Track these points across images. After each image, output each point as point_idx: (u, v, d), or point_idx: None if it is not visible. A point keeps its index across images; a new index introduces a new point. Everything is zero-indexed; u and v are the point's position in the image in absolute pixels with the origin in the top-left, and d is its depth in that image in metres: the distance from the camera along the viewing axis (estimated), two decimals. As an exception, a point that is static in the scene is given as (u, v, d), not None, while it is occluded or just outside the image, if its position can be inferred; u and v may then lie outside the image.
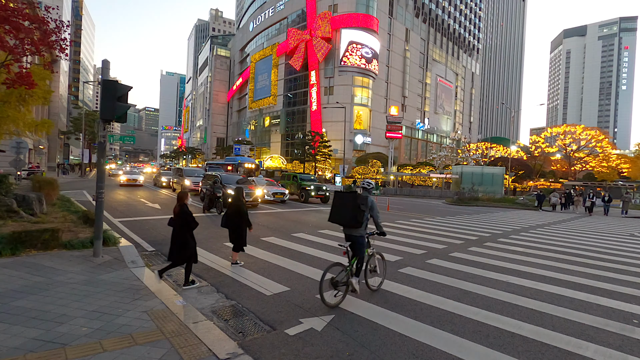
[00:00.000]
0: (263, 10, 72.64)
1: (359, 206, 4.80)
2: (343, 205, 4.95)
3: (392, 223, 13.78)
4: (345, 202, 4.94)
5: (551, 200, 26.40)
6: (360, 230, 4.91)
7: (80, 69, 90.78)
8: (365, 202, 4.85)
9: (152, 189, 25.08)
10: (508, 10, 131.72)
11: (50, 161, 53.67)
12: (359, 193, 4.97)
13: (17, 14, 6.30)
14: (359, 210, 4.80)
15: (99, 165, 6.44)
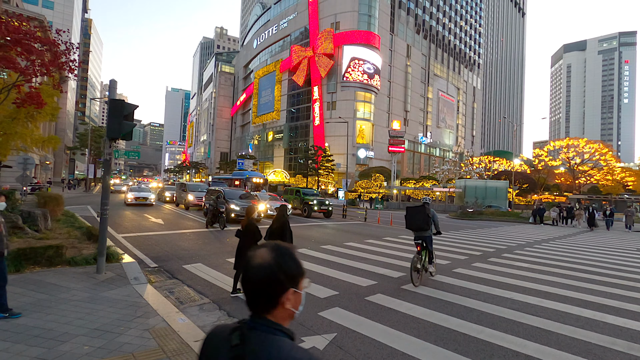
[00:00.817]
0: (267, 28, 74.27)
1: (427, 215, 7.00)
2: (416, 215, 7.05)
3: (395, 238, 13.72)
4: (417, 213, 7.06)
5: (551, 214, 25.83)
6: (428, 232, 7.11)
7: (87, 86, 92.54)
8: (430, 212, 7.10)
9: (156, 204, 25.18)
10: (508, 26, 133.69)
11: (55, 176, 54.19)
12: (427, 206, 7.10)
13: (29, 37, 6.55)
14: (427, 217, 7.01)
15: (104, 182, 6.54)
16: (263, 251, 1.00)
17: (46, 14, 51.86)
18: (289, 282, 0.97)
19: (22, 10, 33.08)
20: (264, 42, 75.33)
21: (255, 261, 0.98)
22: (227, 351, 0.95)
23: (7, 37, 6.30)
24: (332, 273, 7.43)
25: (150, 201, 23.73)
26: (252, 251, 1.03)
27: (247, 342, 0.93)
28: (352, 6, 56.49)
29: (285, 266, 0.98)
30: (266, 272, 0.95)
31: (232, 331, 0.98)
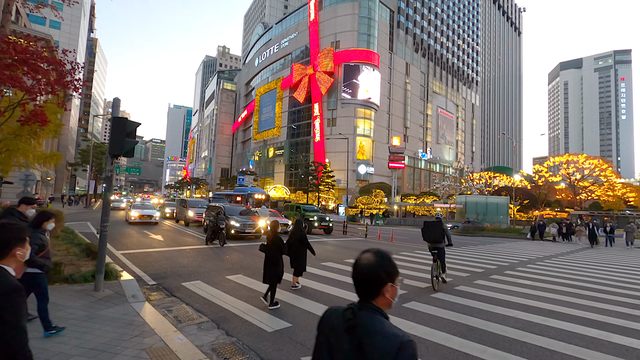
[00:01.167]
0: (268, 47, 75.82)
1: (442, 229, 8.41)
2: (432, 229, 8.49)
3: (396, 255, 13.59)
4: (433, 227, 8.50)
5: (551, 230, 25.39)
6: (442, 243, 8.45)
7: (91, 103, 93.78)
8: (444, 226, 8.48)
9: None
10: (504, 44, 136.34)
11: (56, 192, 54.27)
12: (441, 220, 8.62)
13: (36, 57, 6.71)
14: (442, 231, 8.40)
15: (104, 198, 6.56)
16: (368, 255, 1.42)
17: (53, 33, 53.07)
18: (387, 278, 1.36)
19: (30, 30, 33.90)
20: (265, 60, 76.77)
21: (362, 262, 1.40)
22: (342, 322, 1.36)
23: (15, 57, 6.46)
24: (332, 290, 7.35)
25: (155, 219, 21.82)
26: (360, 254, 1.45)
27: (358, 317, 1.33)
28: (352, 26, 57.83)
29: (385, 266, 1.37)
30: (371, 270, 1.36)
31: (346, 309, 1.39)
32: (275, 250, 6.24)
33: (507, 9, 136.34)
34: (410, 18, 69.59)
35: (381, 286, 1.36)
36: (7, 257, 1.70)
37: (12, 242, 1.73)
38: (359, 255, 1.45)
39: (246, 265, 9.95)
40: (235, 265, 9.90)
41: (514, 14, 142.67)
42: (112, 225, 18.33)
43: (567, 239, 25.47)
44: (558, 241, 25.31)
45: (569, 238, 25.44)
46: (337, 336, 1.38)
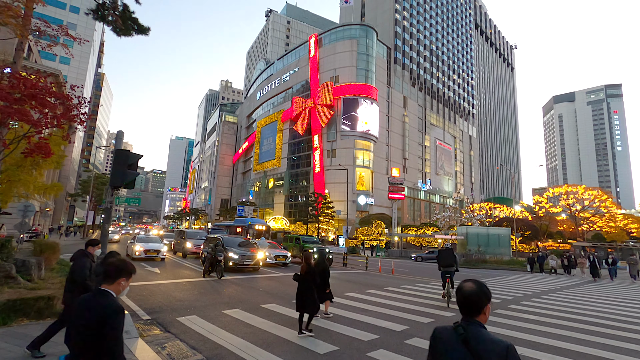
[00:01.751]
0: (270, 81, 78.31)
1: (454, 255, 11.02)
2: (446, 256, 10.97)
3: (396, 288, 13.30)
4: (447, 254, 11.05)
5: (550, 262, 24.55)
6: (453, 268, 10.85)
7: (94, 134, 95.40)
8: (454, 253, 11.12)
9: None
10: (498, 79, 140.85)
11: (54, 222, 53.87)
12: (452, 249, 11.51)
13: (45, 92, 6.93)
14: (454, 257, 10.99)
15: (103, 230, 6.53)
16: (470, 284, 1.86)
17: (62, 68, 55.04)
18: (487, 300, 1.80)
19: (40, 66, 35.22)
20: (266, 93, 79.01)
21: (468, 289, 1.83)
22: (455, 336, 1.76)
23: (24, 92, 6.67)
24: (331, 326, 7.12)
25: (162, 254, 19.09)
26: (463, 283, 1.89)
27: (468, 331, 1.74)
28: (351, 62, 60.07)
29: (485, 292, 1.81)
30: (475, 295, 1.80)
31: (457, 326, 1.79)
32: (309, 280, 6.68)
33: (499, 46, 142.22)
34: (406, 54, 72.45)
35: (483, 307, 1.80)
36: (113, 284, 2.29)
37: (122, 274, 2.33)
38: (461, 284, 1.89)
39: (244, 299, 9.70)
40: (232, 299, 9.66)
41: (506, 51, 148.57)
42: (108, 257, 17.98)
43: (569, 271, 24.66)
44: (560, 273, 24.68)
45: (569, 271, 24.66)
46: (452, 347, 1.77)
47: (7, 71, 7.99)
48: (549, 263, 24.64)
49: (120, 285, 2.32)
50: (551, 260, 24.60)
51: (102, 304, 2.18)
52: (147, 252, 18.72)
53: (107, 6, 12.40)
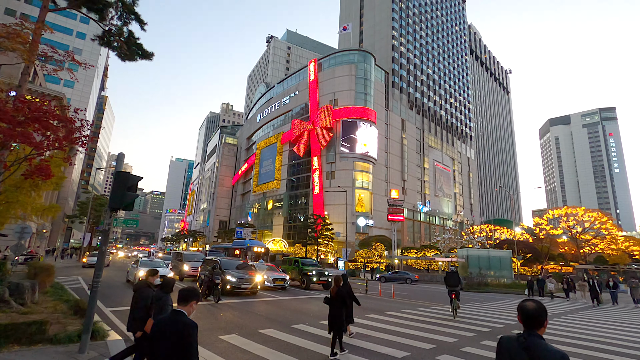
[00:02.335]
0: (270, 104, 79.63)
1: (458, 278, 13.08)
2: (452, 277, 12.91)
3: (398, 312, 13.03)
4: (453, 275, 12.97)
5: (548, 286, 23.71)
6: (458, 287, 12.74)
7: (95, 156, 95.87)
8: (459, 276, 13.21)
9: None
10: (494, 102, 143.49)
11: (50, 244, 53.21)
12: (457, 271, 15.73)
13: (48, 115, 7.05)
14: (458, 278, 13.05)
15: (100, 252, 6.46)
16: (531, 302, 2.30)
17: (66, 91, 56.02)
18: (545, 315, 2.26)
19: (44, 89, 35.85)
20: (266, 116, 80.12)
21: (530, 307, 2.27)
22: (517, 344, 2.21)
23: (28, 115, 6.78)
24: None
25: None
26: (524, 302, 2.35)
27: (529, 341, 2.17)
28: (349, 85, 61.35)
29: (543, 308, 2.27)
30: (537, 312, 2.24)
31: (518, 337, 2.23)
32: (340, 301, 7.10)
33: (494, 71, 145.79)
34: (404, 79, 74.11)
35: (543, 321, 2.25)
36: (187, 306, 2.92)
37: (194, 297, 3.01)
38: (523, 303, 2.34)
39: (241, 324, 9.48)
40: (229, 324, 9.43)
41: (501, 76, 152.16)
42: (108, 282, 17.70)
43: (567, 295, 23.95)
44: (559, 296, 24.08)
45: (568, 294, 23.93)
46: (515, 352, 2.22)
47: (12, 94, 8.14)
48: (547, 286, 23.86)
49: (192, 307, 2.98)
50: (549, 284, 23.84)
51: (181, 321, 2.82)
52: None
53: (113, 32, 12.80)
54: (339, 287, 7.31)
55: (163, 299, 4.71)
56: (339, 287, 7.27)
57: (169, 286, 4.88)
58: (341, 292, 7.21)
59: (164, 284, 4.84)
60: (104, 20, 12.73)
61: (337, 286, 7.30)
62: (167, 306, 4.61)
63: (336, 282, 7.40)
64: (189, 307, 2.93)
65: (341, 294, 7.17)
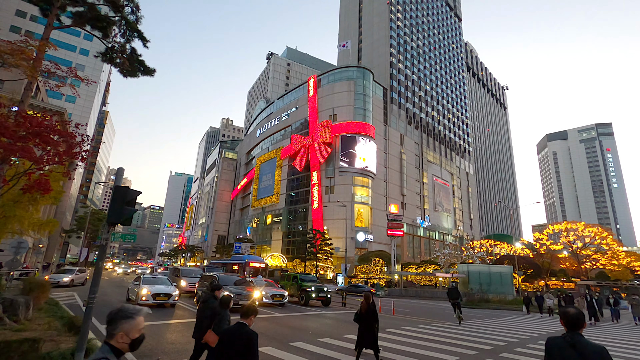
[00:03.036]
0: (270, 119, 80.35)
1: (458, 292, 16.54)
2: (454, 292, 16.41)
3: (398, 330, 12.81)
4: (454, 290, 16.46)
5: (546, 302, 22.81)
6: (459, 299, 16.11)
7: (94, 170, 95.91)
8: (458, 290, 16.70)
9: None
10: (492, 118, 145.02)
11: (47, 259, 52.59)
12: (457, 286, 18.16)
13: (49, 130, 7.11)
14: (459, 293, 16.46)
15: (96, 268, 6.39)
16: (572, 309, 2.89)
17: (68, 106, 56.54)
18: (584, 318, 2.83)
19: (46, 104, 36.19)
20: (266, 131, 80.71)
21: (572, 313, 2.84)
22: (564, 342, 2.77)
23: (30, 130, 6.84)
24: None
25: (173, 299, 15.77)
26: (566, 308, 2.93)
27: (574, 339, 2.74)
28: (348, 101, 62.09)
29: (581, 312, 2.85)
30: (577, 316, 2.81)
31: (564, 336, 2.81)
32: (371, 317, 7.52)
33: (491, 87, 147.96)
34: (402, 95, 75.10)
35: (582, 323, 2.80)
36: (248, 319, 3.54)
37: (253, 313, 3.69)
38: (566, 309, 2.89)
39: (238, 341, 9.28)
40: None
41: (498, 92, 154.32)
42: (105, 300, 17.38)
43: None
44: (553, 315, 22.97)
45: None
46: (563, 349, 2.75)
47: (14, 109, 8.23)
48: (546, 302, 23.06)
49: (252, 320, 3.67)
50: (548, 300, 22.91)
51: (246, 332, 3.50)
52: (156, 296, 15.33)
53: (116, 49, 13.04)
54: (369, 303, 7.64)
55: (221, 313, 5.39)
56: (369, 304, 7.63)
57: (227, 303, 5.48)
58: (371, 308, 7.57)
59: (223, 301, 5.50)
60: (107, 38, 12.99)
61: (367, 303, 7.66)
62: (225, 321, 5.26)
63: (366, 299, 7.76)
64: (250, 320, 3.64)
65: (372, 310, 7.56)
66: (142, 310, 2.08)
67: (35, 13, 54.45)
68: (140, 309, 2.08)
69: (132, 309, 2.04)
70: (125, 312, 2.01)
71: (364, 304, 7.63)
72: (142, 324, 2.03)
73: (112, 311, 2.04)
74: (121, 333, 1.94)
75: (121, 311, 2.02)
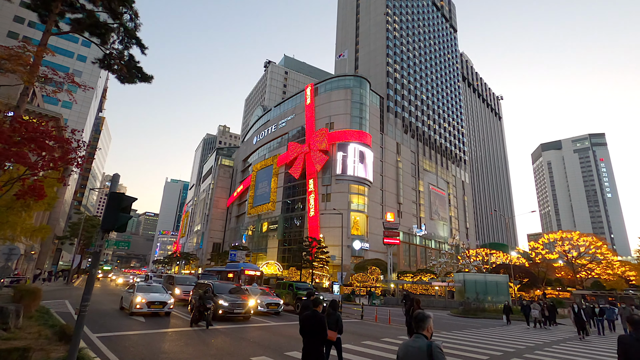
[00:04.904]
0: (267, 126, 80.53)
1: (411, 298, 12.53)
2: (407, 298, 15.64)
3: (394, 339, 12.70)
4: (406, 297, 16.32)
5: (532, 313, 20.83)
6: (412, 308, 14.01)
7: (89, 176, 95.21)
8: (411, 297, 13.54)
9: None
10: (487, 127, 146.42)
11: (39, 266, 51.81)
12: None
13: (45, 135, 7.08)
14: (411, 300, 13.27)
15: (90, 275, 6.30)
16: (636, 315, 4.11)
17: (64, 112, 56.37)
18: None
19: (42, 110, 36.07)
20: (263, 139, 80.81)
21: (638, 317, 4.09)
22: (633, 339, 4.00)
23: (25, 135, 6.80)
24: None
25: (168, 308, 15.40)
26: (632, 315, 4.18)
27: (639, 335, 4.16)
28: (345, 109, 62.46)
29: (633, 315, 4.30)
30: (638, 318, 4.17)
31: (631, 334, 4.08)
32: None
33: (486, 97, 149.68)
34: (398, 103, 75.72)
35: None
36: (425, 330, 3.45)
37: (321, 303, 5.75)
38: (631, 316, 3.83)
39: (232, 351, 9.16)
40: (220, 351, 9.12)
41: (493, 102, 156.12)
42: (97, 309, 17.13)
43: (546, 323, 21.22)
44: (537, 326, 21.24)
45: (548, 322, 21.39)
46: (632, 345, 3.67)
47: (10, 115, 8.18)
48: (532, 313, 21.19)
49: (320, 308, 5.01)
50: (533, 310, 20.82)
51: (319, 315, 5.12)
52: (151, 304, 14.95)
53: (114, 56, 13.07)
54: (419, 307, 9.28)
55: (334, 314, 6.78)
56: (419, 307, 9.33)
57: (337, 305, 6.86)
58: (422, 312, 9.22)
59: (333, 304, 6.96)
60: (106, 44, 13.04)
61: (418, 307, 9.39)
62: (340, 321, 6.80)
63: (417, 303, 9.68)
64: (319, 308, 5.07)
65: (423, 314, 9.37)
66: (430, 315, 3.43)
67: (34, 19, 54.54)
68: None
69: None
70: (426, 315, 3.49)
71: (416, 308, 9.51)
72: None
73: (422, 314, 3.49)
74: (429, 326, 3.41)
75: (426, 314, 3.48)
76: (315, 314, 5.48)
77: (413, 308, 9.56)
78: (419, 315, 3.49)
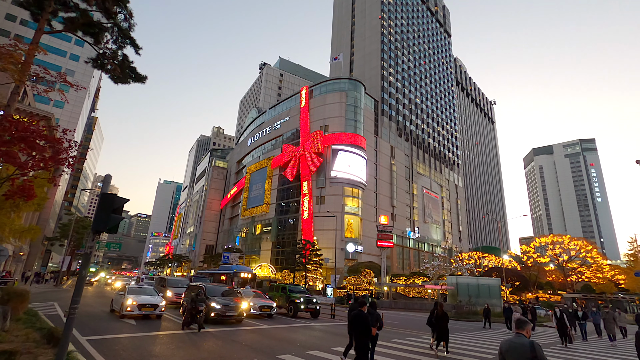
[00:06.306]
0: (261, 128, 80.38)
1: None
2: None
3: (386, 342, 12.70)
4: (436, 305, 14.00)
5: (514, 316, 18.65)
6: None
7: (80, 177, 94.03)
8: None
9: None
10: (480, 131, 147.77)
11: (27, 267, 50.95)
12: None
13: (35, 135, 6.98)
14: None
15: (80, 277, 6.21)
16: None
17: (55, 112, 55.66)
18: None
19: (33, 109, 35.56)
20: (257, 140, 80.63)
21: None
22: None
23: (15, 134, 6.69)
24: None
25: (159, 310, 15.22)
26: None
27: None
28: (340, 112, 62.63)
29: None
30: None
31: None
32: (446, 319, 11.01)
33: (479, 102, 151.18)
34: (393, 107, 76.15)
35: None
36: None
37: (365, 303, 7.26)
38: None
39: (224, 354, 9.08)
40: (212, 354, 9.04)
41: (486, 106, 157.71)
42: (87, 311, 16.86)
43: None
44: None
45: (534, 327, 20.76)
46: None
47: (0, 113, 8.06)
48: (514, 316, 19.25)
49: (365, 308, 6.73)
50: (515, 314, 19.19)
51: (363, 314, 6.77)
52: (142, 307, 14.82)
53: (108, 55, 12.96)
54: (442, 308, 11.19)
55: (375, 314, 7.70)
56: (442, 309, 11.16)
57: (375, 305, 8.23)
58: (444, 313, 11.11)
59: (373, 305, 8.14)
60: (99, 44, 12.92)
61: (441, 308, 11.17)
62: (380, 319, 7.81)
63: (440, 305, 11.22)
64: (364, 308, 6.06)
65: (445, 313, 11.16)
66: None
67: (26, 17, 53.98)
68: None
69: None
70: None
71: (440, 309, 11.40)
72: None
73: (524, 319, 4.09)
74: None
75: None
76: (360, 313, 6.47)
77: (437, 310, 11.06)
78: (521, 320, 4.13)
